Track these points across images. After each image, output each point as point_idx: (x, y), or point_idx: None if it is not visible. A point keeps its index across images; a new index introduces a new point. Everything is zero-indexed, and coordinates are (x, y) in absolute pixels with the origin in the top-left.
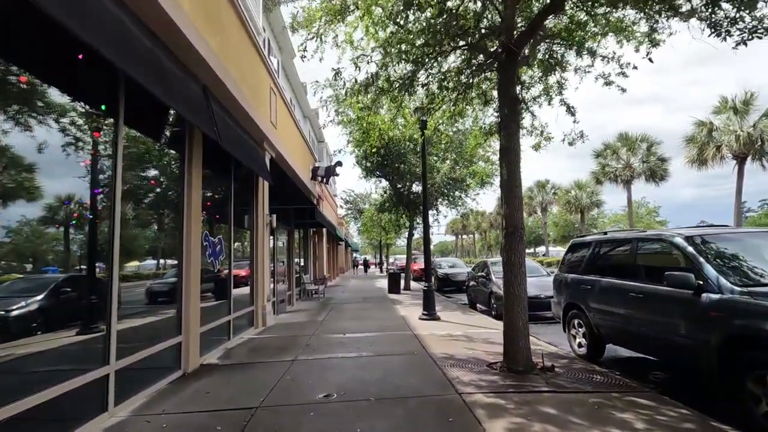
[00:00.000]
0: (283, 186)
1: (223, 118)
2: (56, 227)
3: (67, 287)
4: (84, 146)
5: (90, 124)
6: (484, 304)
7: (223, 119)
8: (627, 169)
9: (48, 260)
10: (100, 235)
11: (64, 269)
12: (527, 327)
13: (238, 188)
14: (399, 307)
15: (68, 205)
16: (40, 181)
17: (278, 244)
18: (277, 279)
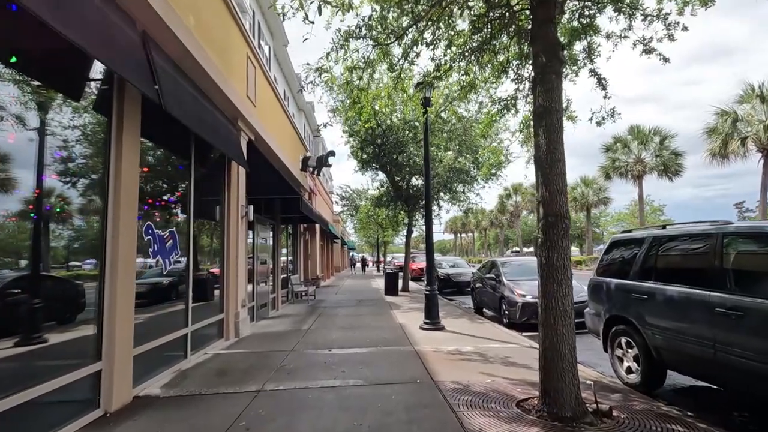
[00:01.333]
0: (266, 174)
1: (173, 79)
2: None
3: None
4: None
5: None
6: (493, 310)
7: (175, 80)
8: (638, 163)
9: None
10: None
11: None
12: (575, 355)
13: (204, 173)
14: (397, 312)
15: None
16: None
17: (259, 241)
18: (257, 280)
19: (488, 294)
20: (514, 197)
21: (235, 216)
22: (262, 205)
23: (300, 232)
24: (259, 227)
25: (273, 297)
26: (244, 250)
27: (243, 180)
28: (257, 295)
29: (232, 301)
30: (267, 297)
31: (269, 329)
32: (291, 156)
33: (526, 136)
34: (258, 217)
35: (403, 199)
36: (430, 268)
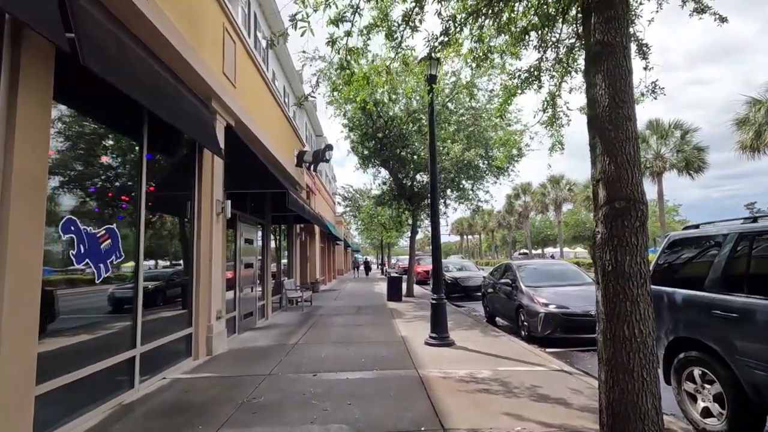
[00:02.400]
0: (249, 166)
1: (107, 31)
2: None
3: None
4: None
5: None
6: (508, 320)
7: (114, 36)
8: (658, 159)
9: None
10: None
11: None
12: (661, 411)
13: (165, 160)
14: (399, 322)
15: None
16: None
17: (242, 242)
18: (241, 286)
19: (502, 301)
20: (522, 197)
21: (207, 212)
22: (248, 202)
23: (296, 232)
24: (243, 226)
25: (262, 304)
26: (221, 252)
27: (220, 171)
28: (241, 303)
29: (203, 313)
30: (253, 305)
31: (251, 344)
32: (282, 148)
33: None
34: (242, 215)
35: (407, 198)
36: (437, 272)
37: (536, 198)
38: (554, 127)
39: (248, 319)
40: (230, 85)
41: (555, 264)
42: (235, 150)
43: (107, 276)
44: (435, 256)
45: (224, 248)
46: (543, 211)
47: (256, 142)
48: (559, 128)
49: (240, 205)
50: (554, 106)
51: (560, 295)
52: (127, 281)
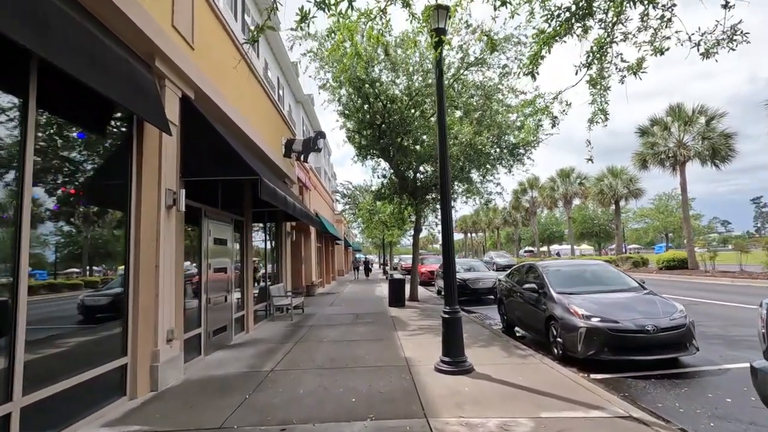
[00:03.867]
0: (213, 147)
1: None
2: None
3: None
4: None
5: None
6: (533, 332)
7: None
8: (681, 147)
9: None
10: None
11: None
12: None
13: (73, 128)
14: (402, 335)
15: None
16: None
17: (209, 242)
18: (209, 296)
19: (526, 310)
20: (530, 192)
21: (152, 204)
22: (218, 194)
23: (286, 231)
24: (212, 224)
25: (240, 315)
26: (174, 256)
27: (172, 153)
28: (209, 316)
29: (145, 336)
30: (228, 317)
31: (215, 371)
32: (267, 136)
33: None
34: (210, 210)
35: (409, 192)
36: (449, 277)
37: (545, 193)
38: (599, 88)
39: (221, 335)
40: (184, 44)
41: (589, 265)
42: (196, 128)
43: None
44: (447, 256)
45: (181, 250)
46: (551, 207)
47: (227, 122)
48: (604, 90)
49: (207, 198)
50: (602, 58)
51: (604, 304)
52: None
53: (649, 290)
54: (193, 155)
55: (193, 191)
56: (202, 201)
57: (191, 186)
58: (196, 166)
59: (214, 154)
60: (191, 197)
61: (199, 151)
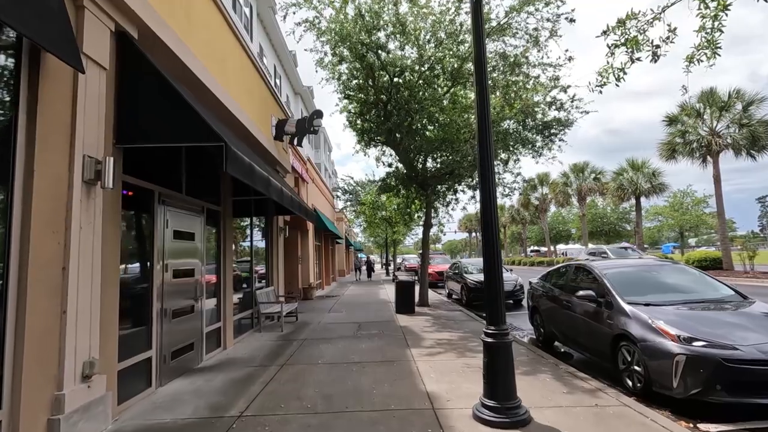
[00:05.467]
0: (162, 102)
1: None
2: None
3: None
4: None
5: None
6: (590, 353)
7: None
8: (715, 136)
9: None
10: None
11: None
12: None
13: None
14: (418, 354)
15: None
16: None
17: (166, 237)
18: (165, 306)
19: (575, 324)
20: (540, 189)
21: (56, 176)
22: (182, 174)
23: (278, 227)
24: (170, 212)
25: (216, 328)
26: (96, 252)
27: (96, 107)
28: (164, 333)
29: (36, 375)
30: (195, 332)
31: (160, 417)
32: (249, 108)
33: None
34: (168, 194)
35: (418, 182)
36: (494, 281)
37: (557, 189)
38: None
39: (185, 356)
40: None
41: (657, 265)
42: (138, 78)
43: None
44: (489, 249)
45: (115, 246)
46: (563, 204)
47: (193, 83)
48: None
49: (164, 178)
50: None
51: (703, 320)
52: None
53: (753, 300)
54: (133, 114)
55: (143, 167)
56: (157, 181)
57: (137, 158)
58: (138, 129)
59: (162, 114)
60: (138, 174)
61: (142, 109)
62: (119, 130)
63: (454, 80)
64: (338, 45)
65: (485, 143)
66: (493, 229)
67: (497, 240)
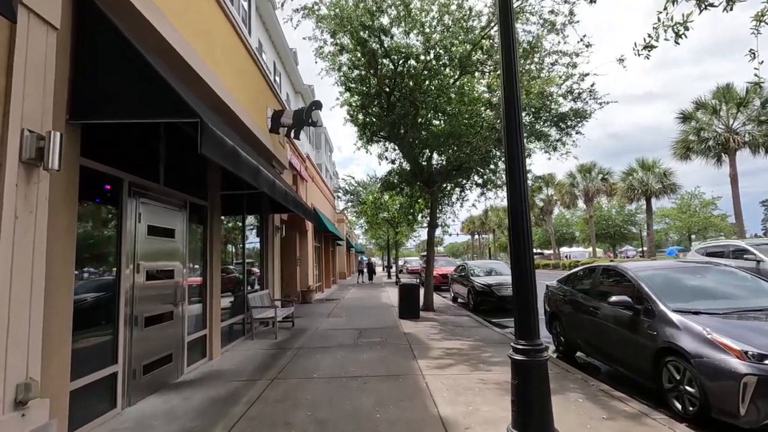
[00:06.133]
0: (131, 72)
1: None
2: None
3: None
4: None
5: None
6: (625, 367)
7: None
8: (732, 133)
9: None
10: None
11: None
12: None
13: None
14: (427, 367)
15: None
16: None
17: (138, 234)
18: (135, 315)
19: (605, 333)
20: (545, 190)
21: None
22: (160, 162)
23: (274, 226)
24: (144, 205)
25: (200, 336)
26: (38, 250)
27: (41, 70)
28: (134, 344)
29: None
30: (175, 341)
31: None
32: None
33: None
34: (141, 184)
35: (423, 180)
36: (525, 286)
37: (563, 190)
38: None
39: (162, 369)
40: None
41: (698, 266)
42: (98, 41)
43: None
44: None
45: (69, 242)
46: (570, 206)
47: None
48: None
49: (137, 166)
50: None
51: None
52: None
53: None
54: (91, 85)
55: (109, 150)
56: (128, 168)
57: (101, 139)
58: (97, 103)
59: (126, 85)
60: (102, 158)
61: (102, 79)
62: (74, 103)
63: (462, 69)
64: (338, 31)
65: (514, 117)
66: (524, 223)
67: (529, 235)
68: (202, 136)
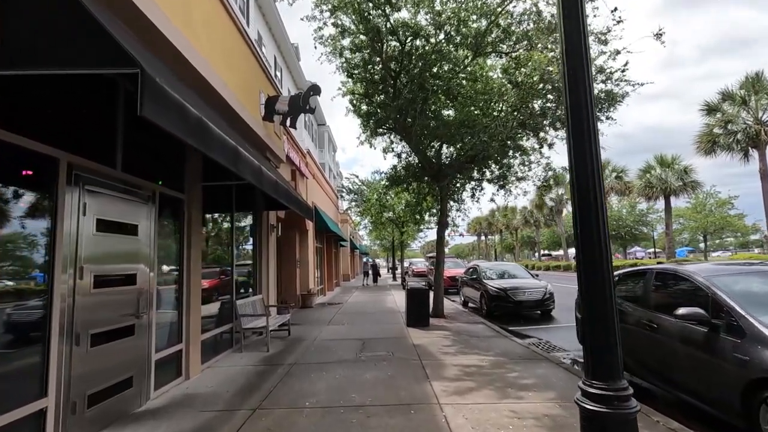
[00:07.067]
0: (60, 15)
1: None
2: None
3: None
4: None
5: None
6: (695, 396)
7: None
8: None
9: None
10: None
11: None
12: None
13: None
14: (444, 391)
15: None
16: None
17: (84, 230)
18: (77, 332)
19: (665, 351)
20: (555, 189)
21: None
22: (117, 141)
23: (269, 224)
24: (92, 196)
25: (174, 352)
26: None
27: None
28: (80, 366)
29: None
30: (139, 360)
31: None
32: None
33: None
34: (89, 166)
35: (432, 175)
36: (602, 297)
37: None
38: None
39: (118, 396)
40: None
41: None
42: None
43: None
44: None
45: None
46: None
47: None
48: None
49: (81, 144)
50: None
51: None
52: None
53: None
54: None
55: (39, 121)
56: (68, 146)
57: (22, 105)
58: (19, 52)
59: (42, 26)
60: (26, 131)
61: (11, 20)
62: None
63: (476, 49)
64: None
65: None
66: (597, 209)
67: (605, 230)
68: (143, 91)
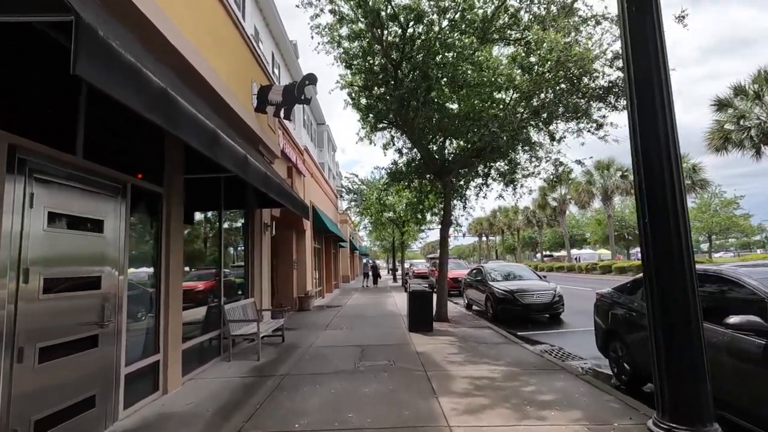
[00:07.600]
0: None
1: None
2: None
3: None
4: None
5: None
6: (751, 421)
7: None
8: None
9: None
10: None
11: None
12: None
13: None
14: (453, 408)
15: None
16: None
17: (29, 224)
18: (20, 347)
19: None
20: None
21: None
22: (78, 123)
23: (263, 223)
24: (38, 183)
25: (150, 364)
26: None
27: None
28: (25, 386)
29: None
30: (104, 376)
31: None
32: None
33: None
34: (40, 150)
35: (435, 171)
36: (680, 319)
37: (580, 188)
38: None
39: (75, 419)
40: None
41: None
42: None
43: None
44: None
45: None
46: (585, 205)
47: None
48: None
49: (31, 125)
50: None
51: None
52: None
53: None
54: None
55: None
56: (9, 126)
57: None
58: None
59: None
60: None
61: None
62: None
63: (484, 35)
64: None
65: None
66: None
67: (687, 226)
68: (77, 42)
